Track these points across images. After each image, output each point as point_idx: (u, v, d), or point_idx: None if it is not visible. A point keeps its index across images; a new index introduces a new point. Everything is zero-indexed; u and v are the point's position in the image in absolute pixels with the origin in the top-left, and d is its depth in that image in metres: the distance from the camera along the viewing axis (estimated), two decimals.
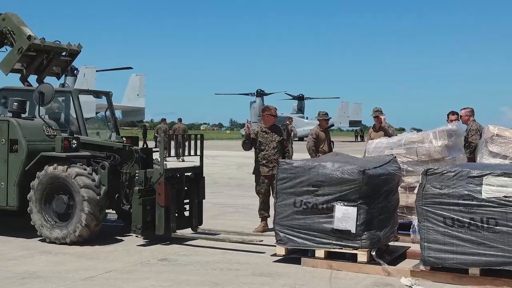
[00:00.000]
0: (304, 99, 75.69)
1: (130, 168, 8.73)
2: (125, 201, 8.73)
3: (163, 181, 8.16)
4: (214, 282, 6.43)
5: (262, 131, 9.51)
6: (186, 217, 8.85)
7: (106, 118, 10.43)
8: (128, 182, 8.68)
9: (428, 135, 8.78)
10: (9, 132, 8.60)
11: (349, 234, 6.86)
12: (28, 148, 8.54)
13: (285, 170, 7.26)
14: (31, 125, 8.84)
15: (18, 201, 8.60)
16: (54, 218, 8.43)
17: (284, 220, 7.21)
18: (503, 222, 6.13)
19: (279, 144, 9.49)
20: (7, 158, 8.60)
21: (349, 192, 6.85)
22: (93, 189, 8.19)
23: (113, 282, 6.43)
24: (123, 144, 9.06)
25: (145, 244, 8.41)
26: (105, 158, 8.81)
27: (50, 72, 10.25)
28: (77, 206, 8.18)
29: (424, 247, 6.50)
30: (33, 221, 8.46)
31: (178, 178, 8.61)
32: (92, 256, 7.68)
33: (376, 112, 11.89)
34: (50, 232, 8.34)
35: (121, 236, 8.89)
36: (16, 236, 8.85)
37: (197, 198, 8.84)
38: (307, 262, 7.08)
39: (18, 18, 9.87)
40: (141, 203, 8.17)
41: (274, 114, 9.70)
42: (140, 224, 8.18)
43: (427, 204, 6.50)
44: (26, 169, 8.51)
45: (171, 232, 8.30)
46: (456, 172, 6.42)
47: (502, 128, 8.88)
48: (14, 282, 6.37)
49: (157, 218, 8.21)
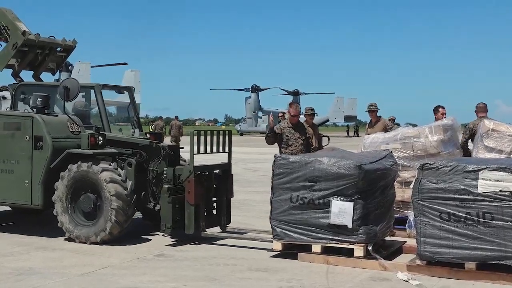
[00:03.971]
0: (299, 95, 75.62)
1: (157, 166, 8.53)
2: (151, 199, 8.54)
3: (193, 179, 7.91)
4: (211, 277, 6.43)
5: (289, 126, 9.55)
6: (215, 216, 8.61)
7: (129, 114, 10.16)
8: (155, 179, 8.50)
9: (424, 130, 8.79)
10: (33, 129, 8.37)
11: (345, 229, 6.87)
12: (53, 145, 8.31)
13: (282, 165, 7.26)
14: (55, 121, 8.61)
15: (43, 200, 8.35)
16: (81, 217, 8.20)
17: (281, 215, 7.22)
18: (499, 217, 6.16)
19: (305, 141, 9.56)
20: (31, 155, 8.37)
21: (345, 187, 6.87)
22: (120, 183, 7.97)
23: (110, 277, 6.42)
24: (150, 141, 8.80)
25: (142, 240, 8.40)
26: (131, 155, 8.63)
27: (45, 67, 10.21)
28: (105, 202, 7.95)
29: (420, 242, 6.52)
30: (60, 222, 8.22)
31: (207, 176, 8.35)
32: (88, 252, 7.67)
33: (371, 107, 11.79)
34: (78, 231, 8.10)
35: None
36: (11, 232, 8.83)
37: (225, 196, 8.60)
38: (303, 257, 7.09)
39: (12, 14, 9.83)
40: (170, 202, 7.93)
41: (293, 114, 9.63)
42: (170, 223, 7.94)
43: (423, 198, 6.52)
44: (51, 167, 8.29)
45: (201, 231, 8.08)
46: (452, 166, 6.44)
47: (498, 122, 8.89)
48: (10, 278, 6.35)
49: (187, 217, 7.95)
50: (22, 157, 8.42)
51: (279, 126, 9.59)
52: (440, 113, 11.09)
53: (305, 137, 9.61)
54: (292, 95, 75.92)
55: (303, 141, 9.54)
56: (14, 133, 8.50)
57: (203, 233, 8.11)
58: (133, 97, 10.12)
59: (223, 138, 8.45)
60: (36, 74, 10.10)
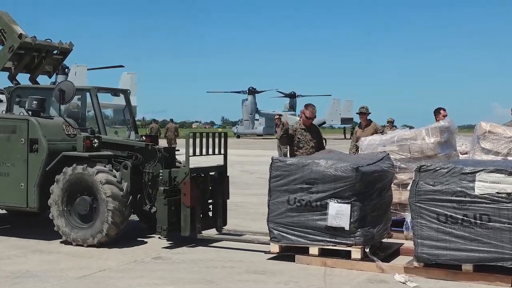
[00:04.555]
0: (296, 97, 75.81)
1: (153, 168, 8.51)
2: (147, 201, 8.52)
3: (189, 181, 7.88)
4: (208, 280, 6.43)
5: (301, 128, 9.43)
6: (211, 218, 8.59)
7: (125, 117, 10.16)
8: (151, 182, 8.48)
9: (420, 132, 8.80)
10: (28, 132, 8.34)
11: (342, 231, 6.87)
12: (49, 148, 8.29)
13: (279, 168, 7.26)
14: (51, 124, 8.59)
15: (38, 202, 8.32)
16: (77, 220, 8.18)
17: (278, 217, 7.22)
18: (496, 218, 6.16)
19: (317, 144, 9.43)
20: (26, 158, 8.33)
21: (342, 189, 6.87)
22: (115, 184, 7.96)
23: (107, 280, 6.41)
24: (145, 143, 8.79)
25: (139, 242, 8.38)
26: (127, 157, 8.62)
27: (42, 70, 10.20)
28: (101, 204, 7.93)
29: (417, 244, 6.52)
30: (56, 225, 8.19)
31: (203, 178, 8.32)
32: (85, 255, 7.65)
33: (362, 109, 11.54)
34: (75, 234, 8.08)
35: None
36: (8, 235, 8.80)
37: (221, 198, 8.58)
38: (301, 260, 7.09)
39: (9, 17, 9.82)
40: (166, 204, 7.92)
41: (308, 116, 9.46)
42: (166, 226, 7.93)
43: (420, 200, 6.52)
44: (47, 169, 8.26)
45: (197, 233, 8.05)
46: (449, 168, 6.45)
47: (494, 124, 8.90)
48: (7, 282, 6.33)
49: (183, 219, 7.93)
50: (18, 160, 8.41)
51: (292, 127, 9.44)
52: (442, 115, 11.12)
53: (318, 139, 9.46)
54: (289, 97, 76.06)
55: (314, 144, 9.36)
56: (10, 136, 8.48)
57: (199, 235, 8.10)
58: (129, 100, 10.11)
59: (219, 140, 8.45)
60: (32, 77, 10.08)
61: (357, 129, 11.82)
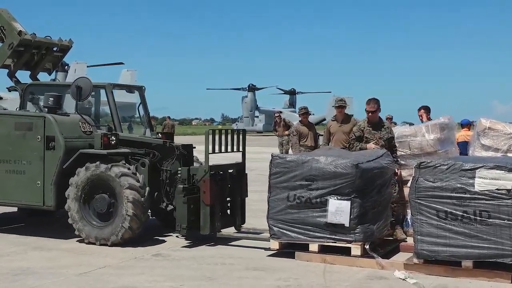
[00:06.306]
0: (296, 94, 75.74)
1: (170, 166, 8.41)
2: (165, 199, 8.44)
3: (208, 178, 7.78)
4: (208, 276, 6.43)
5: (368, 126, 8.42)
6: (229, 216, 8.46)
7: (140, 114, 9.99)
8: (169, 179, 8.38)
9: (420, 129, 8.81)
10: (45, 129, 8.25)
11: (342, 227, 6.88)
12: (66, 145, 8.18)
13: (279, 165, 7.26)
14: (67, 121, 8.49)
15: (55, 201, 8.21)
16: (93, 217, 8.06)
17: (278, 214, 7.22)
18: (495, 215, 6.17)
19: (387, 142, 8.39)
20: (43, 155, 8.23)
21: (342, 186, 6.87)
22: (138, 190, 7.81)
23: (107, 277, 6.41)
24: (163, 141, 8.68)
25: (139, 239, 8.37)
26: (144, 155, 8.52)
27: (42, 67, 10.19)
28: (120, 207, 7.81)
29: (417, 240, 6.53)
30: (72, 219, 8.04)
31: (222, 175, 8.22)
32: (85, 252, 7.66)
33: (340, 102, 9.99)
34: (89, 232, 7.96)
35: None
36: (8, 232, 8.81)
37: (240, 195, 8.47)
38: (301, 256, 7.10)
39: (8, 14, 9.80)
40: (185, 202, 7.81)
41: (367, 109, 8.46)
42: (185, 224, 7.82)
43: (420, 197, 6.52)
44: (64, 167, 8.15)
45: (216, 231, 7.96)
46: (449, 165, 6.45)
47: (494, 121, 8.90)
48: (7, 278, 6.34)
49: (202, 218, 7.83)
50: (34, 157, 8.30)
51: (359, 127, 8.44)
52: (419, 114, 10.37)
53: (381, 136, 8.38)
54: (289, 94, 76.01)
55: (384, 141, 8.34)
56: (26, 133, 8.38)
57: (219, 234, 7.98)
58: (144, 97, 9.93)
59: (237, 137, 8.39)
60: (33, 74, 10.06)
61: (331, 124, 9.98)
